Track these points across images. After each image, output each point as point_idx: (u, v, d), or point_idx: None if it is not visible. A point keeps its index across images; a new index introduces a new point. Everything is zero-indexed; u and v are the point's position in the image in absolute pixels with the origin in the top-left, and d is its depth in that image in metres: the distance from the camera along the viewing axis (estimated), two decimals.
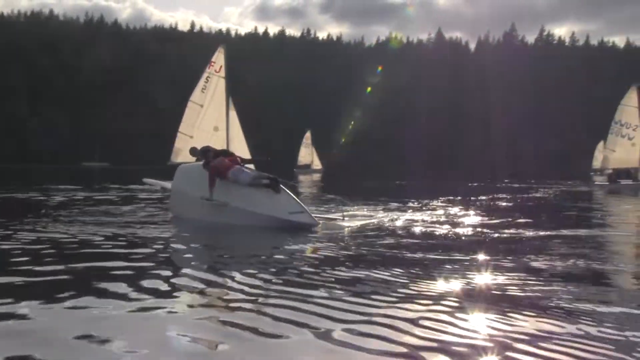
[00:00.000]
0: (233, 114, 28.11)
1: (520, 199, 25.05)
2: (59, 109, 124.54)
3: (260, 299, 5.15)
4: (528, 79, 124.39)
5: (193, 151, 15.02)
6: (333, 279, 6.12)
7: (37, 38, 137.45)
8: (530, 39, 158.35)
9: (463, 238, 10.32)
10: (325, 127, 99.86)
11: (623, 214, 18.60)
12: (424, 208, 17.21)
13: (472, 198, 23.34)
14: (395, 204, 18.29)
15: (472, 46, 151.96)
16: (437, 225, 12.04)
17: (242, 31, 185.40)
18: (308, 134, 76.16)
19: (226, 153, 13.54)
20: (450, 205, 18.51)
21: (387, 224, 12.30)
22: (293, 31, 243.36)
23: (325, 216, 13.27)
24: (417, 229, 11.35)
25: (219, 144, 26.99)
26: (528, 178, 50.68)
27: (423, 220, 13.11)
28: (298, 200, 12.36)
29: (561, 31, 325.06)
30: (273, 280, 6.01)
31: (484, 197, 23.85)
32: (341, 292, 5.46)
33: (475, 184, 36.37)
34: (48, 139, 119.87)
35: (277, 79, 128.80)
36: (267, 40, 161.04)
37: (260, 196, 11.94)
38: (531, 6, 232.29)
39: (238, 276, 6.13)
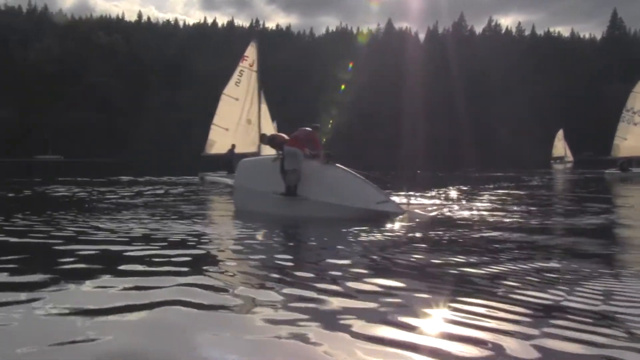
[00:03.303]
0: (264, 107, 28.73)
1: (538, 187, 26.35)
2: (5, 101, 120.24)
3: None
4: (477, 68, 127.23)
5: (263, 138, 15.52)
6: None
7: None
8: (479, 29, 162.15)
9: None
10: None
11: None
12: (468, 195, 18.10)
13: (496, 186, 24.20)
14: (436, 192, 19.25)
15: (422, 36, 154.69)
16: (505, 214, 12.18)
17: (190, 22, 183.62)
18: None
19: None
20: (495, 193, 19.24)
21: (459, 212, 12.52)
22: (241, 22, 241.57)
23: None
24: (487, 218, 11.45)
25: (251, 136, 27.83)
26: (496, 167, 50.12)
27: (482, 208, 13.61)
28: (381, 190, 12.41)
29: (507, 21, 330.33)
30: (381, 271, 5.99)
31: (509, 184, 24.83)
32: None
33: (476, 174, 36.66)
34: None
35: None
36: (215, 30, 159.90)
37: (344, 188, 11.96)
38: None
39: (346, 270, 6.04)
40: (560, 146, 76.48)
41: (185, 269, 6.03)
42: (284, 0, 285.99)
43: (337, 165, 12.47)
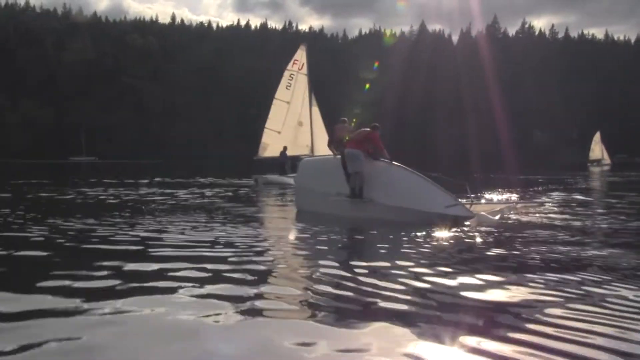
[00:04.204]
0: (315, 109, 29.00)
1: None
2: (40, 102, 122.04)
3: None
4: (511, 71, 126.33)
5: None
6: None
7: (13, 30, 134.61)
8: (512, 31, 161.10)
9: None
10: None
11: None
12: (525, 198, 18.16)
13: (552, 188, 23.99)
14: (491, 194, 19.01)
15: (455, 38, 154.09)
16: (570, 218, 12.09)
17: (223, 24, 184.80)
18: None
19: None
20: (550, 197, 19.13)
21: (524, 216, 12.39)
22: (274, 23, 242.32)
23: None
24: (555, 222, 11.32)
25: (303, 139, 28.15)
26: (533, 170, 49.58)
27: (547, 211, 13.54)
28: (450, 193, 12.04)
29: (540, 23, 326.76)
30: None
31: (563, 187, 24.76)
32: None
33: (519, 177, 36.48)
34: (29, 133, 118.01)
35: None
36: (248, 32, 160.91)
37: (411, 191, 11.73)
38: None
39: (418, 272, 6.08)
40: (597, 149, 75.96)
41: (261, 276, 6.04)
42: (318, 2, 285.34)
43: (402, 165, 12.28)
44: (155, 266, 6.33)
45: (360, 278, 5.79)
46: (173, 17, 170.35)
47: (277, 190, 22.52)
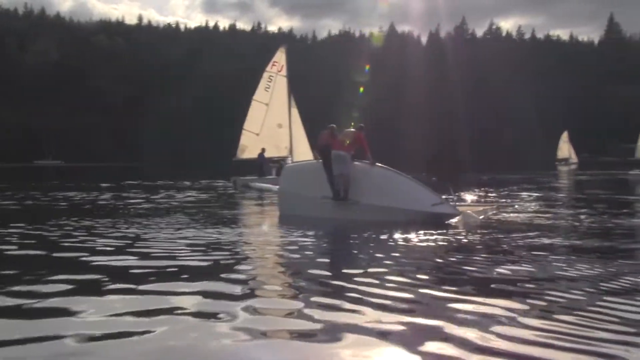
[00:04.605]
0: (295, 111, 29.06)
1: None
2: (3, 105, 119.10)
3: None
4: (479, 72, 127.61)
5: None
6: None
7: None
8: (479, 32, 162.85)
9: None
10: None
11: None
12: (504, 197, 18.34)
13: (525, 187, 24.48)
14: (476, 194, 19.54)
15: (424, 39, 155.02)
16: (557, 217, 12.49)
17: (192, 25, 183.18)
18: None
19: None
20: (529, 196, 19.58)
21: (508, 215, 12.72)
22: (243, 25, 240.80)
23: None
24: (537, 220, 11.68)
25: (282, 140, 28.20)
26: (503, 169, 50.13)
27: (528, 210, 13.97)
28: (435, 192, 12.18)
29: (507, 25, 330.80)
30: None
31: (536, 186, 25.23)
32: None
33: (491, 176, 36.92)
34: None
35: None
36: (217, 34, 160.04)
37: (397, 190, 11.86)
38: (480, 1, 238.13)
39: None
40: (565, 148, 77.28)
41: (250, 278, 6.08)
42: (287, 3, 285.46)
43: (386, 166, 12.42)
44: (135, 272, 6.25)
45: (348, 284, 5.70)
46: (140, 18, 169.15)
47: (255, 192, 22.46)
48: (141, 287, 5.45)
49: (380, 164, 12.45)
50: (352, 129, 12.89)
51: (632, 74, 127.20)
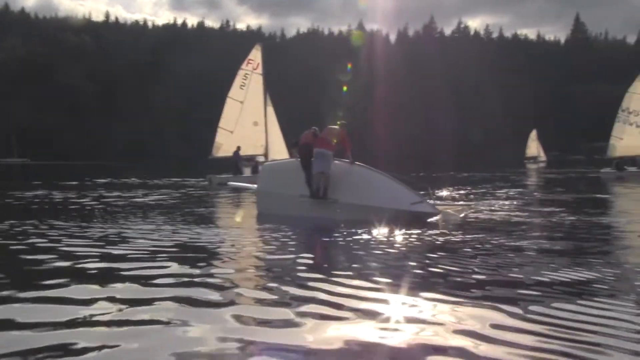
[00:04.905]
0: (270, 109, 29.02)
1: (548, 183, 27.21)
2: None
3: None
4: (448, 70, 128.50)
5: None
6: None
7: None
8: (448, 31, 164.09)
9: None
10: None
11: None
12: (480, 195, 18.52)
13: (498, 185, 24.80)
14: (452, 193, 19.50)
15: (393, 38, 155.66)
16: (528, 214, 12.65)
17: (159, 22, 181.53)
18: None
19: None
20: (505, 193, 19.87)
21: (486, 212, 12.78)
22: (211, 22, 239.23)
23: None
24: (514, 218, 11.83)
25: (258, 138, 28.12)
26: (473, 168, 50.17)
27: (505, 207, 14.12)
28: (414, 191, 12.21)
29: (475, 24, 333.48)
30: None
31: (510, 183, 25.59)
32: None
33: (463, 175, 37.22)
34: None
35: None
36: (185, 31, 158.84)
37: (376, 189, 11.82)
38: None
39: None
40: (533, 146, 78.31)
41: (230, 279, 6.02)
42: (255, 1, 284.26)
43: (365, 165, 12.41)
44: (114, 274, 6.09)
45: (329, 285, 5.65)
46: (107, 15, 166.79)
47: (231, 190, 22.31)
48: (114, 292, 5.29)
49: (359, 163, 12.41)
50: (336, 126, 12.84)
51: (598, 73, 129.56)
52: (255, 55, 28.94)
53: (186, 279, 5.83)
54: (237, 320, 4.44)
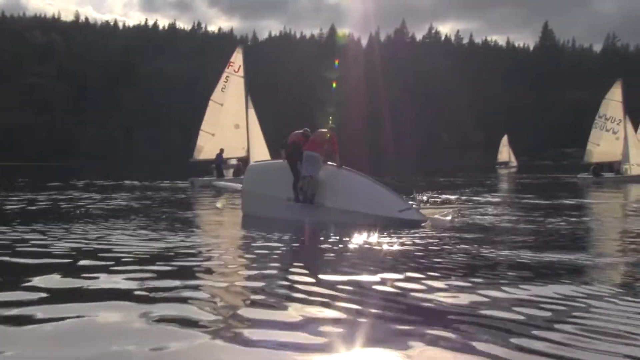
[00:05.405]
0: (252, 111, 28.96)
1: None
2: None
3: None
4: (419, 75, 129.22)
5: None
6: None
7: None
8: (419, 35, 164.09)
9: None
10: None
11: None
12: (464, 201, 18.43)
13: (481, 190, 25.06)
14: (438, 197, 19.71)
15: (364, 42, 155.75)
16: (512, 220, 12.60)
17: (130, 23, 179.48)
18: None
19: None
20: (487, 198, 20.01)
21: (472, 218, 12.61)
22: (183, 24, 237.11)
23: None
24: (503, 223, 11.83)
25: (239, 141, 28.05)
26: (445, 173, 49.45)
27: (490, 213, 14.05)
28: (402, 197, 12.18)
29: (445, 29, 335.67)
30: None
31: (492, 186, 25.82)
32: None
33: (449, 179, 37.39)
34: None
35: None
36: (157, 32, 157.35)
37: (364, 195, 11.68)
38: (418, 4, 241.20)
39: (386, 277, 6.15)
40: (505, 151, 79.11)
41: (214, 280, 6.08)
42: (227, 3, 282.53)
43: (353, 170, 12.31)
44: (97, 280, 5.95)
45: (318, 288, 5.67)
46: (77, 15, 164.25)
47: (214, 192, 22.13)
48: (98, 302, 5.14)
49: (347, 167, 12.35)
50: (325, 129, 12.71)
51: (566, 79, 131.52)
52: (236, 57, 28.86)
53: (165, 291, 5.59)
54: (216, 336, 4.26)
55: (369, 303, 5.10)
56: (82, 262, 6.98)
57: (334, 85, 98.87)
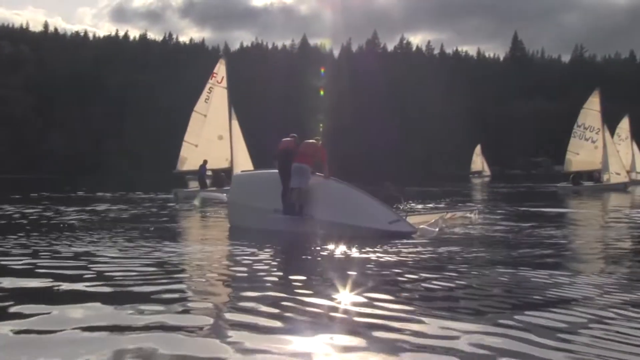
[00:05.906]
0: (235, 122, 28.84)
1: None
2: None
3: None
4: (391, 85, 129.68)
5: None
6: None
7: None
8: (390, 46, 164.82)
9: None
10: None
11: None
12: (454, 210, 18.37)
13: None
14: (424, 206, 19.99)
15: (336, 53, 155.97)
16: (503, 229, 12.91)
17: (100, 34, 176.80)
18: None
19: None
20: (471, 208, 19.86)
21: (462, 229, 12.79)
22: (154, 35, 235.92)
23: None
24: (493, 233, 12.07)
25: (223, 152, 27.89)
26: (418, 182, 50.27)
27: (477, 222, 14.45)
28: (392, 209, 12.29)
29: (416, 40, 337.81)
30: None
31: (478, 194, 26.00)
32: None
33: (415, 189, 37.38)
34: None
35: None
36: (127, 43, 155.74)
37: (353, 207, 11.60)
38: (389, 14, 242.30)
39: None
40: (478, 161, 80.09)
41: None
42: (197, 14, 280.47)
43: (341, 181, 12.24)
44: (84, 296, 5.89)
45: (307, 299, 5.78)
46: (46, 25, 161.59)
47: (198, 204, 21.85)
48: (87, 317, 5.09)
49: (335, 178, 12.26)
50: (313, 140, 12.67)
51: (536, 90, 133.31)
52: (219, 68, 28.75)
53: (156, 303, 5.61)
54: (206, 347, 4.29)
55: (357, 316, 5.13)
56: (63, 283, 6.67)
57: (322, 92, 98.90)
